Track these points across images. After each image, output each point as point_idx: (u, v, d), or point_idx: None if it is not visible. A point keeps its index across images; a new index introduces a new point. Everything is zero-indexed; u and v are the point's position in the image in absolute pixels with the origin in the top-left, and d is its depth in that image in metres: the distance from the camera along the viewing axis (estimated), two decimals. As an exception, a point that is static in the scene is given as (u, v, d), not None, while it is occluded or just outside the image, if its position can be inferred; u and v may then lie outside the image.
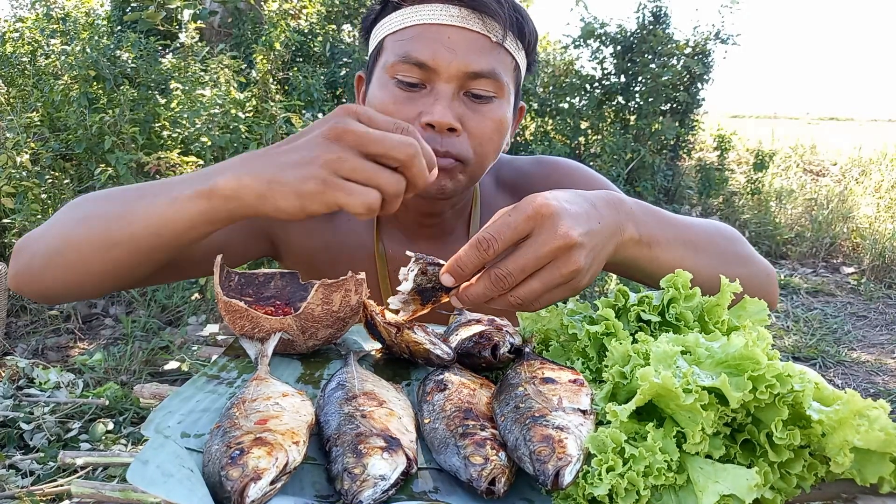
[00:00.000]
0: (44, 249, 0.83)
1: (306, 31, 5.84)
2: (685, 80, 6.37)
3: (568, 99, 6.50)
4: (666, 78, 6.08)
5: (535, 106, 6.45)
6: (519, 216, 0.64)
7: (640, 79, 6.26)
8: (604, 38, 6.37)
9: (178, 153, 3.90)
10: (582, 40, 6.45)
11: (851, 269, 5.62)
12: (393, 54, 0.92)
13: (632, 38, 6.29)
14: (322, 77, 5.34)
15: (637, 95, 6.40)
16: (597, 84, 6.53)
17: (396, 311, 0.72)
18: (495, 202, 1.14)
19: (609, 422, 0.56)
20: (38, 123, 4.02)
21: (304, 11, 5.94)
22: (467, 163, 0.94)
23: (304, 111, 4.84)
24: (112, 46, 4.42)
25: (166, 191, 0.75)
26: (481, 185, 1.14)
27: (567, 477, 0.51)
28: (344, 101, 5.61)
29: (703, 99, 6.58)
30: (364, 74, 1.05)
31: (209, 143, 4.04)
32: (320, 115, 4.87)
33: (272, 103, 4.55)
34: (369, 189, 0.65)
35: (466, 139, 0.93)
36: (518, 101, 1.03)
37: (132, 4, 5.78)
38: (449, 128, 0.90)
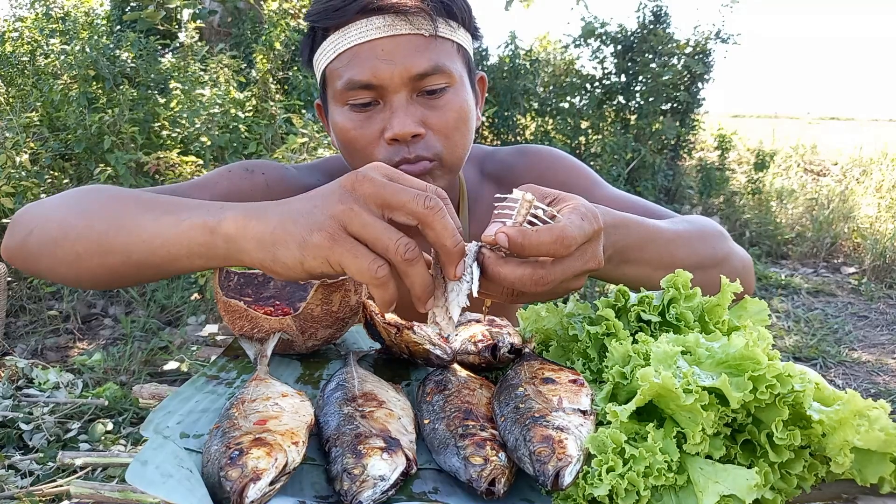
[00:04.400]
0: (41, 234, 0.80)
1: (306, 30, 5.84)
2: (686, 79, 6.37)
3: (568, 98, 6.50)
4: (666, 77, 6.08)
5: (536, 106, 6.45)
6: (590, 228, 0.62)
7: (640, 78, 6.26)
8: (604, 37, 6.37)
9: (178, 153, 3.90)
10: (582, 40, 6.45)
11: (852, 269, 5.62)
12: (338, 83, 0.93)
13: (632, 38, 6.29)
14: (322, 77, 5.33)
15: (637, 95, 6.41)
16: (597, 84, 6.53)
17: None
18: (481, 194, 1.15)
19: (609, 422, 0.56)
20: (38, 123, 4.02)
21: (304, 11, 5.94)
22: (441, 159, 0.94)
23: (304, 111, 4.84)
24: (111, 46, 4.42)
25: (176, 211, 0.71)
26: (466, 177, 1.15)
27: (567, 477, 0.51)
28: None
29: (704, 98, 6.58)
30: (321, 103, 1.06)
31: (209, 143, 4.04)
32: (320, 115, 4.86)
33: (272, 103, 4.55)
34: (378, 258, 0.58)
35: (433, 137, 0.93)
36: (474, 76, 1.02)
37: (131, 4, 5.78)
38: (413, 134, 0.90)
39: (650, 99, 6.24)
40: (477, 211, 1.13)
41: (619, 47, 6.35)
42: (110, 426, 2.52)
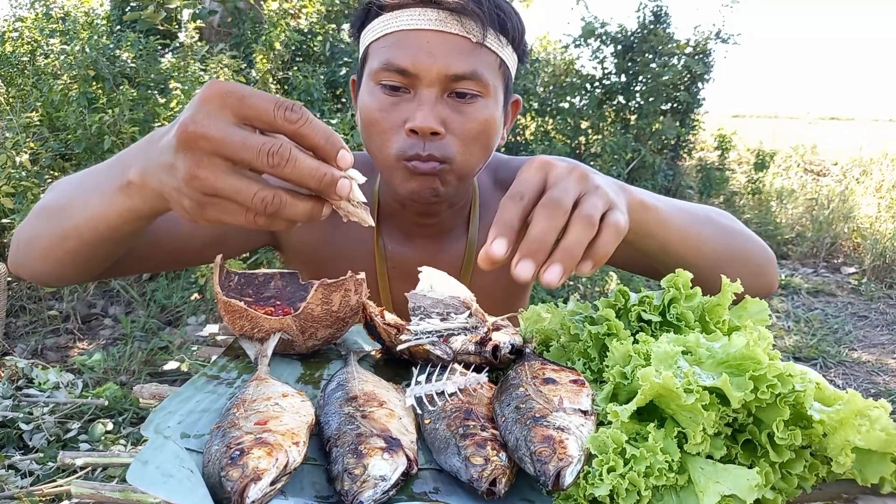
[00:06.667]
0: (22, 239, 0.86)
1: (306, 30, 5.84)
2: (686, 79, 6.37)
3: (568, 98, 6.50)
4: (666, 77, 6.08)
5: (536, 106, 6.45)
6: (529, 169, 0.62)
7: (640, 78, 6.26)
8: (604, 37, 6.37)
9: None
10: (582, 40, 6.45)
11: (852, 269, 5.62)
12: (376, 61, 0.93)
13: (632, 38, 6.29)
14: (322, 77, 5.33)
15: (638, 95, 6.41)
16: (597, 84, 6.53)
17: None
18: (494, 202, 1.15)
19: (610, 422, 0.56)
20: (38, 123, 4.01)
21: (304, 11, 5.93)
22: (452, 163, 0.94)
23: (303, 111, 4.82)
24: (111, 46, 4.42)
25: (97, 181, 0.71)
26: (479, 184, 1.14)
27: (568, 478, 0.51)
28: (344, 100, 5.61)
29: (704, 98, 6.58)
30: (356, 78, 1.06)
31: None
32: (320, 115, 4.87)
33: (272, 103, 4.54)
34: (248, 209, 0.55)
35: (452, 141, 0.93)
36: (509, 96, 1.02)
37: (131, 4, 5.78)
38: (432, 132, 0.90)
39: (650, 99, 6.24)
40: (487, 218, 1.13)
41: (619, 47, 6.35)
42: (110, 426, 2.52)
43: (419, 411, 0.64)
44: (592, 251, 0.59)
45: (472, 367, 0.75)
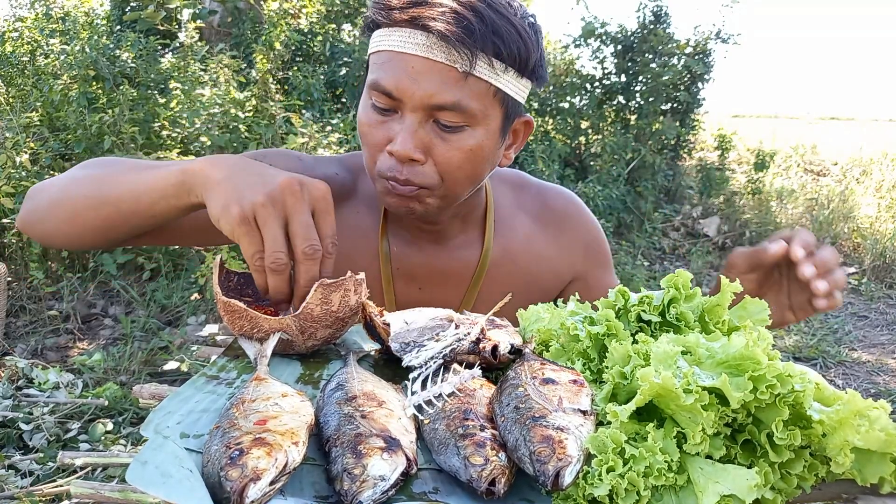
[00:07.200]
0: (47, 199, 0.92)
1: (306, 30, 5.84)
2: (686, 79, 6.37)
3: (568, 98, 6.49)
4: (666, 77, 6.07)
5: (536, 106, 6.45)
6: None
7: (640, 78, 6.26)
8: (604, 37, 6.37)
9: (178, 153, 3.90)
10: (582, 40, 6.45)
11: (852, 269, 5.62)
12: (370, 75, 0.93)
13: (632, 38, 6.29)
14: (322, 77, 5.34)
15: (638, 95, 6.40)
16: (597, 83, 6.53)
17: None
18: (514, 220, 1.14)
19: (609, 422, 0.56)
20: (38, 123, 4.01)
21: (304, 11, 5.93)
22: (435, 189, 0.93)
23: (303, 111, 4.84)
24: (111, 46, 4.42)
25: (162, 166, 0.83)
26: (496, 198, 1.14)
27: (567, 477, 0.51)
28: (344, 100, 5.61)
29: (704, 98, 6.58)
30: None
31: (209, 143, 4.04)
32: (320, 115, 4.87)
33: (272, 103, 4.55)
34: (262, 252, 0.71)
35: (432, 167, 0.91)
36: (510, 121, 0.97)
37: (131, 4, 5.78)
38: (410, 158, 0.89)
39: (650, 99, 6.24)
40: (504, 232, 1.13)
41: (619, 47, 6.35)
42: (110, 426, 2.52)
43: (421, 417, 0.64)
44: (834, 297, 0.90)
45: (473, 367, 0.75)
